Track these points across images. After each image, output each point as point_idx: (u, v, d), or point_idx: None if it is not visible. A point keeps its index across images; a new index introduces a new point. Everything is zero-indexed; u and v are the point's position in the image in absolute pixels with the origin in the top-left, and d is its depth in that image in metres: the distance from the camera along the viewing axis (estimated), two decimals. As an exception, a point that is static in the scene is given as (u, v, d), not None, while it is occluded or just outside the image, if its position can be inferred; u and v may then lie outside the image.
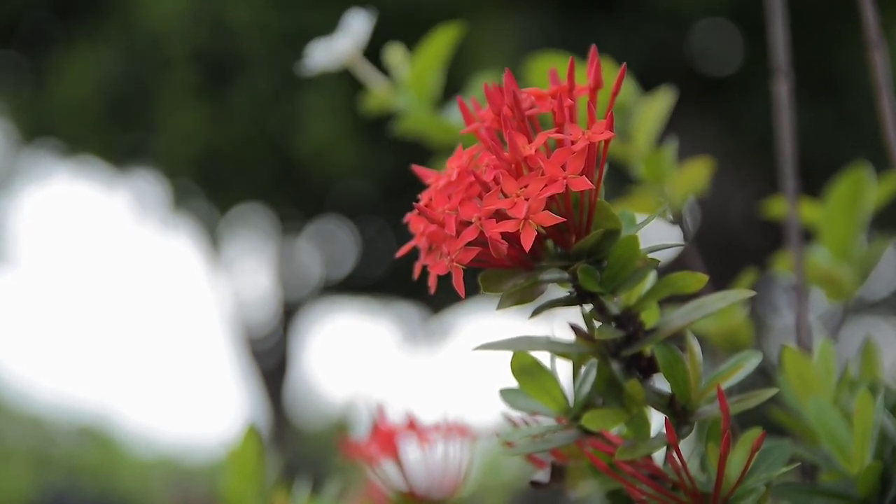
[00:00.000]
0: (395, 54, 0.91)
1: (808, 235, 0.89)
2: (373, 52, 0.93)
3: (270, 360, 6.03)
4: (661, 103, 0.87)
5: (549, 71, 0.57)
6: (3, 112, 5.01)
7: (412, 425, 0.83)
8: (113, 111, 4.37)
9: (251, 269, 6.03)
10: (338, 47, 0.89)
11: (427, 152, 0.93)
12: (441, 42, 0.89)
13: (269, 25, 3.94)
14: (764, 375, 0.76)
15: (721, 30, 4.11)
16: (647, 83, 0.93)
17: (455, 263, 0.53)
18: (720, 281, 0.88)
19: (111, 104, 4.35)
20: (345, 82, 3.59)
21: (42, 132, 4.81)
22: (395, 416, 0.83)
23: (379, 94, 0.91)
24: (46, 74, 4.49)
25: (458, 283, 0.53)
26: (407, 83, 0.90)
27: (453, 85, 0.92)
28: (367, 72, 0.91)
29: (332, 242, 5.62)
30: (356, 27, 0.90)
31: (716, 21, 4.05)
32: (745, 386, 0.61)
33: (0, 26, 4.63)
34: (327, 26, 0.93)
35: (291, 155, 4.15)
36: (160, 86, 4.21)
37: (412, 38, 0.93)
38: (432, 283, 0.55)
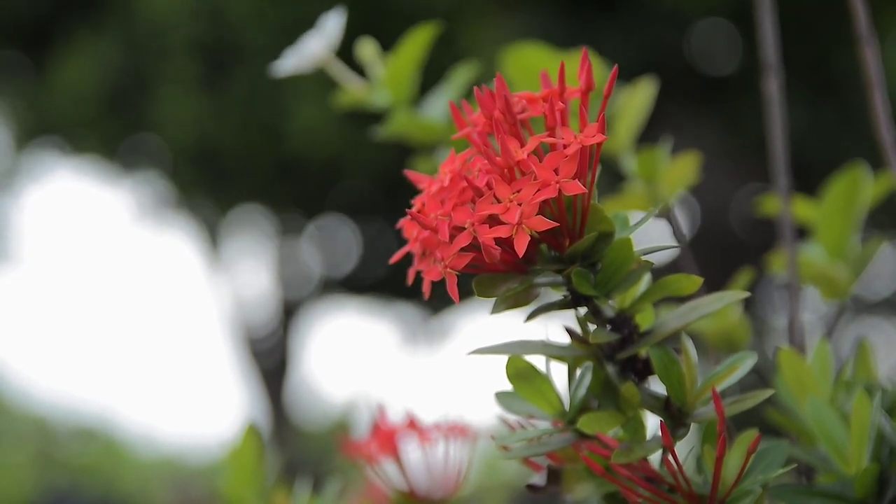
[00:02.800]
0: (366, 50, 0.89)
1: (805, 234, 0.89)
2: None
3: (270, 360, 6.02)
4: (643, 94, 0.85)
5: (540, 73, 0.57)
6: (4, 111, 5.01)
7: (412, 425, 0.83)
8: (113, 103, 4.37)
9: (251, 269, 6.03)
10: (310, 49, 0.88)
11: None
12: (418, 42, 0.87)
13: (266, 16, 3.93)
14: (759, 376, 0.76)
15: (721, 30, 4.10)
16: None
17: (449, 269, 0.53)
18: (721, 280, 0.88)
19: (111, 96, 4.35)
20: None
21: (43, 130, 4.82)
22: (395, 415, 0.83)
23: (353, 91, 0.89)
24: (47, 68, 4.49)
25: (452, 289, 0.53)
26: (383, 82, 0.88)
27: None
28: (341, 71, 0.89)
29: (332, 242, 5.62)
30: (328, 28, 0.89)
31: (716, 21, 4.05)
32: (745, 386, 0.61)
33: (2, 26, 4.63)
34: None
35: (284, 144, 4.13)
36: (160, 77, 4.21)
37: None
38: (426, 288, 0.55)
